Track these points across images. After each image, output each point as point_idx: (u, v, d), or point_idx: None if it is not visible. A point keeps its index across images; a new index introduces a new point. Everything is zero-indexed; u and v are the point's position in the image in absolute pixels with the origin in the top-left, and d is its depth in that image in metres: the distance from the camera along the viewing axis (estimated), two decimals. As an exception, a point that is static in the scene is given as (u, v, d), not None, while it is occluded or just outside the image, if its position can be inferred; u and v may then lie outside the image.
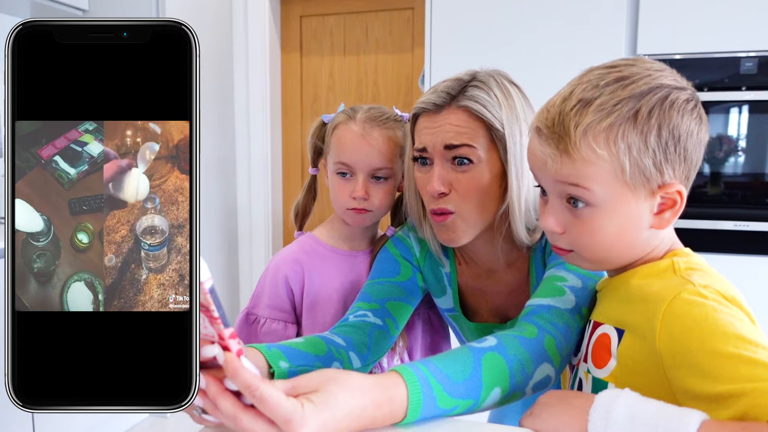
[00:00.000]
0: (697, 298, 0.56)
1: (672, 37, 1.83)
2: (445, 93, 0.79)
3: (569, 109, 0.60)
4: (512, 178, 0.79)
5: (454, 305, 0.95)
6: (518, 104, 0.80)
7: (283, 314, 1.00)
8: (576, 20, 1.89)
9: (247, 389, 0.47)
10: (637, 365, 0.60)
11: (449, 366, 0.61)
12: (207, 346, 0.49)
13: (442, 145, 0.79)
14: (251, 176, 2.84)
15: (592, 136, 0.58)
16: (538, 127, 0.63)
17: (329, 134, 0.96)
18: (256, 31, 2.75)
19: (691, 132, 0.60)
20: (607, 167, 0.59)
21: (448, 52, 2.02)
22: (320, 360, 0.73)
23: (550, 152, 0.61)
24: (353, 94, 2.81)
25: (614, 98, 0.59)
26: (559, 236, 0.65)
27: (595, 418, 0.53)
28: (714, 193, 1.83)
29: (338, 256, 1.00)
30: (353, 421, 0.52)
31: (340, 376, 0.53)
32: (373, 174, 0.93)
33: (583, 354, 0.69)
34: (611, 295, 0.68)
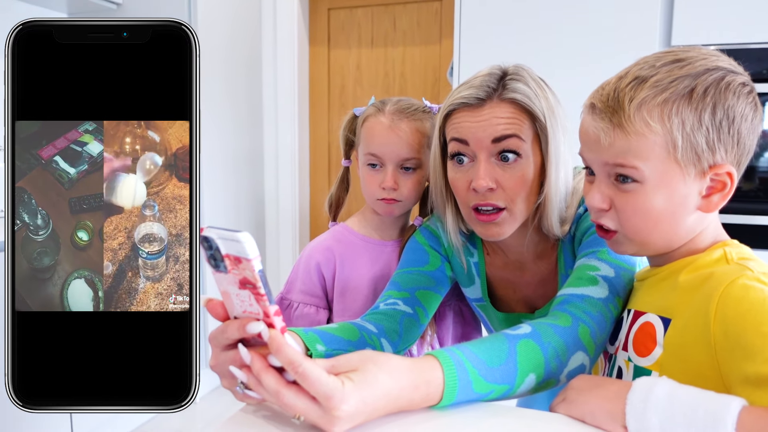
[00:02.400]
0: (756, 283, 0.56)
1: (707, 27, 1.79)
2: (486, 86, 0.77)
3: (625, 85, 0.60)
4: (552, 169, 0.79)
5: (483, 295, 0.95)
6: (551, 96, 0.80)
7: (315, 299, 1.02)
8: (609, 11, 1.86)
9: (290, 365, 0.49)
10: (687, 352, 0.59)
11: (485, 351, 0.61)
12: (252, 323, 0.50)
13: (490, 139, 0.77)
14: (279, 168, 2.87)
15: (646, 110, 0.59)
16: (592, 103, 0.63)
17: (360, 126, 0.98)
18: (285, 24, 2.77)
19: (746, 116, 0.60)
20: (660, 142, 0.59)
21: (478, 44, 2.01)
22: (353, 345, 0.74)
23: (603, 126, 0.61)
24: (380, 87, 2.82)
25: (670, 76, 0.59)
26: (604, 214, 0.65)
27: (635, 401, 0.52)
28: (748, 188, 1.80)
29: (369, 245, 1.02)
30: (391, 402, 0.53)
31: (380, 358, 0.54)
32: (401, 165, 0.94)
33: (622, 343, 0.69)
34: (657, 285, 0.67)
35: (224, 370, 0.56)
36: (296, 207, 2.91)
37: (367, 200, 1.00)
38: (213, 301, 0.55)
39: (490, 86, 0.77)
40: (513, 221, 0.81)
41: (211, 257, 0.48)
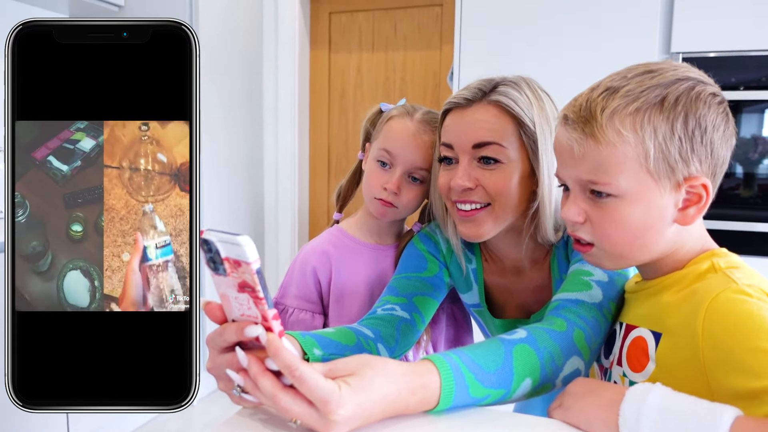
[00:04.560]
0: (741, 296, 0.55)
1: (707, 34, 1.80)
2: (476, 89, 0.80)
3: (597, 96, 0.61)
4: (544, 176, 0.79)
5: (480, 301, 0.96)
6: (548, 107, 0.80)
7: (310, 305, 1.01)
8: (609, 18, 1.87)
9: (287, 369, 0.49)
10: (677, 367, 0.59)
11: (481, 356, 0.62)
12: (250, 326, 0.51)
13: (470, 144, 0.79)
14: (278, 172, 2.87)
15: (618, 119, 0.59)
16: (565, 114, 0.64)
17: (383, 122, 0.97)
18: (286, 27, 2.78)
19: (717, 126, 0.60)
20: (632, 152, 0.59)
21: (478, 49, 2.02)
22: (350, 350, 0.74)
23: (576, 137, 0.61)
24: (381, 91, 2.82)
25: (641, 86, 0.59)
26: (580, 226, 0.64)
27: (627, 413, 0.52)
28: (747, 195, 1.80)
29: (365, 249, 1.02)
30: (388, 406, 0.53)
31: (376, 362, 0.54)
32: (410, 173, 0.94)
33: (617, 357, 0.69)
34: (648, 299, 0.67)
35: (221, 372, 0.56)
36: (295, 211, 2.92)
37: (364, 195, 0.99)
38: (211, 304, 0.55)
39: (481, 89, 0.79)
40: (494, 221, 0.81)
41: (211, 260, 0.48)
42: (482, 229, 0.81)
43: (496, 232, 0.83)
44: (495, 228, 0.82)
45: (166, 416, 2.19)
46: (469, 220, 0.82)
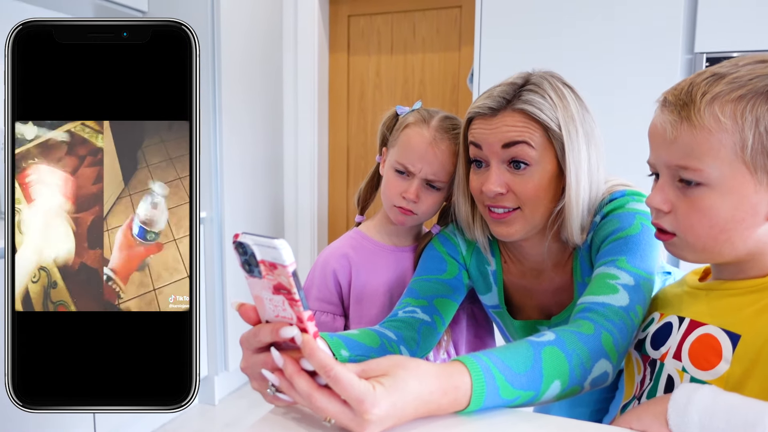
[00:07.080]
0: None
1: (731, 35, 1.77)
2: (500, 97, 0.80)
3: (701, 80, 0.58)
4: (571, 177, 0.79)
5: (499, 302, 0.96)
6: (572, 105, 0.80)
7: (331, 306, 1.03)
8: (631, 18, 1.86)
9: (322, 369, 0.50)
10: (764, 368, 0.56)
11: (511, 358, 0.62)
12: (286, 327, 0.52)
13: (500, 144, 0.79)
14: (298, 173, 2.89)
15: (718, 104, 0.56)
16: (665, 97, 0.61)
17: (399, 130, 0.97)
18: (305, 31, 2.80)
19: None
20: (728, 140, 0.56)
21: (498, 51, 2.01)
22: (375, 351, 0.75)
23: (671, 119, 0.59)
24: (400, 93, 2.83)
25: (751, 74, 0.56)
26: (664, 215, 0.62)
27: (677, 398, 0.53)
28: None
29: (384, 252, 1.03)
30: (420, 406, 0.54)
31: (409, 363, 0.55)
32: (429, 181, 0.94)
33: (674, 351, 0.66)
34: (725, 299, 0.64)
35: (255, 372, 0.57)
36: (315, 212, 2.94)
37: (383, 202, 1.00)
38: (245, 306, 0.56)
39: (504, 97, 0.80)
40: (525, 222, 0.83)
41: (246, 263, 0.49)
42: (513, 229, 0.83)
43: (527, 232, 0.84)
44: (525, 228, 0.84)
45: (187, 415, 2.22)
46: (501, 222, 0.83)
